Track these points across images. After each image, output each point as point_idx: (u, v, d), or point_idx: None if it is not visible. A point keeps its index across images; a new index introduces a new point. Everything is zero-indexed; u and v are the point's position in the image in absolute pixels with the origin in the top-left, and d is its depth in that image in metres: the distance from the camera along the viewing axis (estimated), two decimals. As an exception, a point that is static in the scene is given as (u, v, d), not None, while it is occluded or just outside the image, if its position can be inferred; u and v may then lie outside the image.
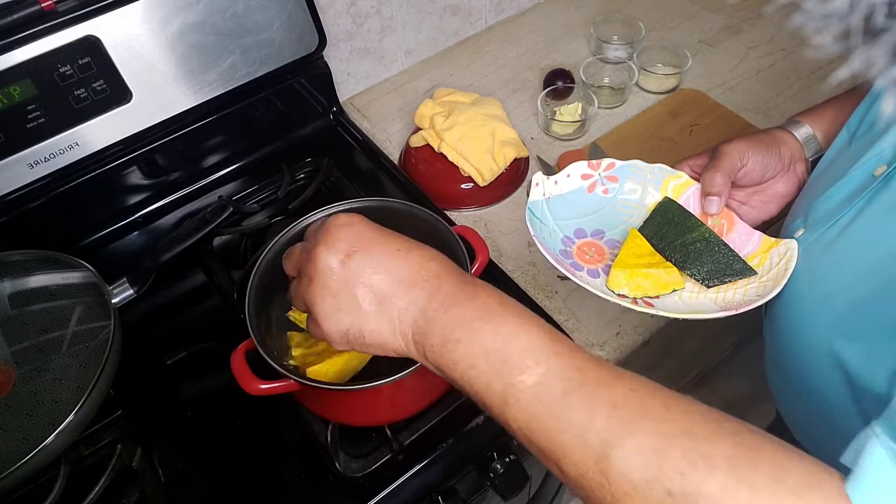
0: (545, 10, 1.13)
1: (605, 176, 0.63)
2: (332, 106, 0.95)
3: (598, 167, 0.62)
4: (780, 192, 0.61)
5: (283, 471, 0.62)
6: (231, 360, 0.56)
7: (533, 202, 0.59)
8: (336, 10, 0.89)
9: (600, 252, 0.60)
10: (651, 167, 0.62)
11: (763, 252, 0.56)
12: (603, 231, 0.62)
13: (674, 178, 0.62)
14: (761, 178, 0.60)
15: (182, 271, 0.78)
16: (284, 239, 0.63)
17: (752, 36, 1.04)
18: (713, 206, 0.58)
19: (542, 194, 0.60)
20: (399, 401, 0.59)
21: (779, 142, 0.59)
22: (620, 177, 0.63)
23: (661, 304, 0.55)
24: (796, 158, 0.60)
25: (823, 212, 0.50)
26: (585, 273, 0.58)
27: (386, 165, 0.89)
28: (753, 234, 0.58)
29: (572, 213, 0.61)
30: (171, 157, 0.84)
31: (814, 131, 0.60)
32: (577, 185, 0.62)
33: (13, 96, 0.66)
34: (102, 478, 0.61)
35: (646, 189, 0.62)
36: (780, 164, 0.59)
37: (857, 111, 0.53)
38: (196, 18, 0.73)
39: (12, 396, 0.58)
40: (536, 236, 0.56)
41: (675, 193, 0.61)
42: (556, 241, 0.59)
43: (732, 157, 0.57)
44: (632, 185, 0.63)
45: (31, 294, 0.65)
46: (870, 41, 0.20)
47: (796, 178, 0.61)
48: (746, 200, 0.62)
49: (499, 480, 0.64)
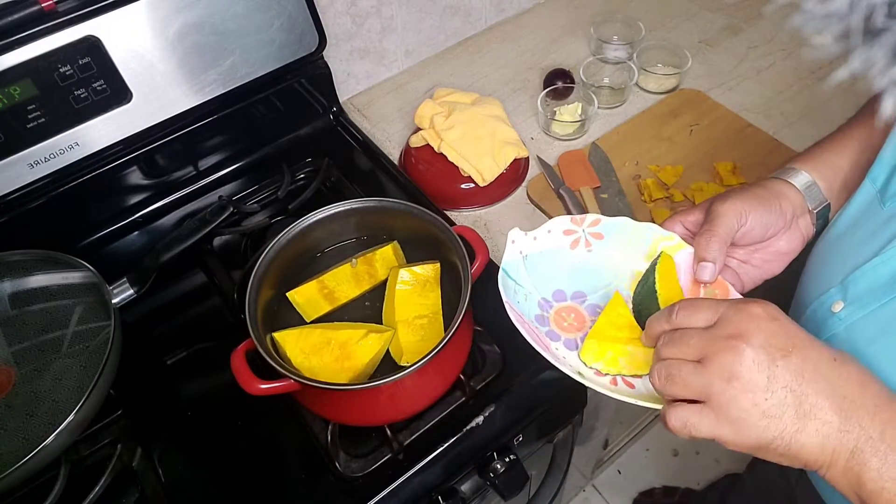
0: (545, 10, 1.13)
1: (589, 232, 0.57)
2: (332, 106, 0.95)
3: (582, 223, 0.57)
4: (784, 249, 0.56)
5: (283, 471, 0.62)
6: (231, 360, 0.56)
7: (508, 262, 0.54)
8: (336, 10, 0.89)
9: (580, 319, 0.55)
10: (640, 226, 0.57)
11: None
12: (584, 294, 0.57)
13: (664, 239, 0.56)
14: (762, 237, 0.54)
15: (182, 271, 0.78)
16: (284, 239, 0.63)
17: (752, 36, 1.04)
18: (706, 273, 0.52)
19: (519, 252, 0.55)
20: (399, 401, 0.59)
21: (779, 196, 0.54)
22: (606, 234, 0.57)
23: (644, 386, 0.50)
24: (798, 213, 0.55)
25: (868, 286, 0.45)
26: (562, 344, 0.53)
27: (386, 165, 0.89)
28: None
29: (551, 272, 0.56)
30: (171, 157, 0.84)
31: (814, 178, 0.55)
32: (558, 241, 0.57)
33: (13, 96, 0.66)
34: (102, 478, 0.61)
35: (633, 250, 0.57)
36: (782, 220, 0.54)
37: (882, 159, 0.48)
38: (196, 18, 0.73)
39: (12, 396, 0.58)
40: (509, 302, 0.51)
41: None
42: (531, 305, 0.54)
43: (729, 219, 0.52)
44: (618, 245, 0.57)
45: (32, 294, 0.65)
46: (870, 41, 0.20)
47: (800, 233, 0.56)
48: (747, 259, 0.57)
49: (499, 480, 0.64)
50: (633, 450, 1.53)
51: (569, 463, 0.80)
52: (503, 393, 0.65)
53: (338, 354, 0.60)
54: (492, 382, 0.65)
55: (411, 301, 0.63)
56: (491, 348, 0.67)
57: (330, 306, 0.65)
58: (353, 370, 0.59)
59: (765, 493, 0.88)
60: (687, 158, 0.86)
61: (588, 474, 1.43)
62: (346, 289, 0.66)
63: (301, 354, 0.59)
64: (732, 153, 0.85)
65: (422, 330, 0.62)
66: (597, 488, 1.50)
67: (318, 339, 0.60)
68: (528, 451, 0.72)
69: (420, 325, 0.62)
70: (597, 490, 1.50)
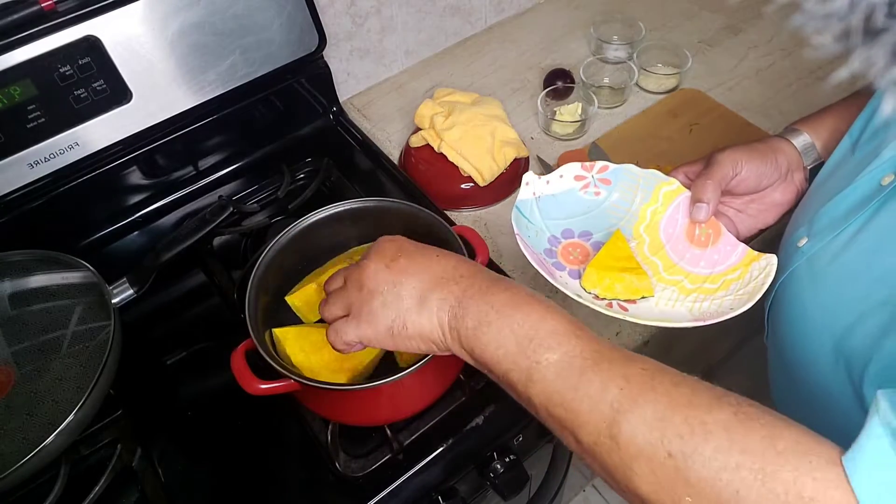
0: (545, 10, 1.13)
1: (597, 178, 0.62)
2: (332, 106, 0.95)
3: (591, 169, 0.62)
4: (778, 200, 0.60)
5: (283, 471, 0.62)
6: (231, 360, 0.56)
7: (522, 201, 0.59)
8: (336, 10, 0.89)
9: (585, 253, 0.60)
10: (644, 172, 0.62)
11: (744, 265, 0.56)
12: (590, 233, 0.61)
13: (665, 184, 0.61)
14: (757, 187, 0.59)
15: (182, 271, 0.78)
16: (284, 239, 0.63)
17: (752, 36, 1.04)
18: (701, 213, 0.57)
19: (532, 193, 0.60)
20: (399, 401, 0.59)
21: (775, 150, 0.58)
22: (613, 179, 0.62)
23: (635, 310, 0.55)
24: (794, 167, 0.59)
25: (828, 221, 0.49)
26: (566, 273, 0.58)
27: (386, 165, 0.89)
28: (738, 247, 0.57)
29: (562, 214, 0.61)
30: (171, 157, 0.84)
31: (812, 139, 0.59)
32: (569, 185, 0.62)
33: (13, 96, 0.66)
34: (102, 478, 0.61)
35: (636, 194, 0.62)
36: (777, 172, 0.58)
37: (860, 118, 0.52)
38: (196, 18, 0.73)
39: (12, 396, 0.58)
40: (520, 234, 0.56)
41: (666, 200, 0.61)
42: (541, 241, 0.59)
43: (725, 166, 0.57)
44: (623, 189, 0.62)
45: (31, 294, 0.65)
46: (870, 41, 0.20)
47: (794, 187, 0.60)
48: (743, 209, 0.61)
49: (499, 480, 0.64)
50: (633, 450, 1.53)
51: (569, 463, 0.80)
52: (503, 393, 0.64)
53: (337, 354, 0.60)
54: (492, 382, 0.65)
55: None
56: (491, 348, 0.67)
57: None
58: (353, 370, 0.59)
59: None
60: (687, 158, 0.85)
61: (588, 474, 1.43)
62: None
63: (301, 353, 0.59)
64: (732, 153, 0.85)
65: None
66: (597, 488, 1.50)
67: (318, 338, 0.60)
68: (528, 451, 0.72)
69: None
70: (597, 490, 1.50)
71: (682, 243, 0.60)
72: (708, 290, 0.56)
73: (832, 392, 0.48)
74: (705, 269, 0.58)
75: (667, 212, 0.61)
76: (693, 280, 0.58)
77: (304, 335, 0.60)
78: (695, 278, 0.58)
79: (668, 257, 0.60)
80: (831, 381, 0.47)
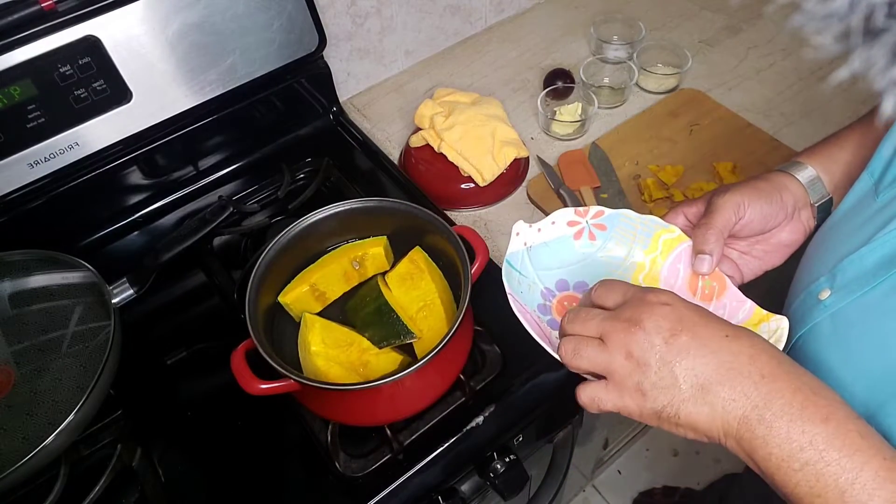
0: (545, 10, 1.13)
1: (592, 224, 0.58)
2: (332, 106, 0.95)
3: (585, 214, 0.58)
4: (785, 241, 0.56)
5: (283, 471, 0.62)
6: (231, 360, 0.56)
7: (512, 253, 0.56)
8: (336, 10, 0.89)
9: None
10: (642, 218, 0.57)
11: (753, 325, 0.52)
12: (586, 283, 0.57)
13: (665, 231, 0.57)
14: (762, 229, 0.55)
15: (182, 271, 0.78)
16: (284, 239, 0.63)
17: (752, 36, 1.04)
18: (704, 265, 0.53)
19: (524, 243, 0.57)
20: (399, 401, 0.59)
21: (780, 188, 0.55)
22: (609, 225, 0.58)
23: None
24: (800, 205, 0.55)
25: (854, 274, 0.45)
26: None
27: (386, 165, 0.89)
28: (745, 303, 0.53)
29: (555, 263, 0.58)
30: (171, 157, 0.84)
31: (818, 173, 0.55)
32: (562, 232, 0.58)
33: (13, 96, 0.66)
34: (102, 478, 0.61)
35: (634, 242, 0.58)
36: (783, 212, 0.55)
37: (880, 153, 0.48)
38: (196, 18, 0.73)
39: (12, 396, 0.58)
40: (513, 294, 0.52)
41: (666, 248, 0.57)
42: (535, 295, 0.56)
43: (727, 211, 0.53)
44: (620, 236, 0.58)
45: (31, 294, 0.65)
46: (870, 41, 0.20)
47: (802, 226, 0.56)
48: (748, 251, 0.57)
49: (499, 480, 0.64)
50: (633, 450, 1.53)
51: (569, 463, 0.80)
52: (503, 393, 0.65)
53: (354, 359, 0.60)
54: (492, 382, 0.65)
55: (408, 298, 0.64)
56: (491, 348, 0.67)
57: (321, 306, 0.65)
58: (365, 377, 0.59)
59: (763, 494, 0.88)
60: (687, 158, 0.86)
61: (588, 474, 1.43)
62: (336, 288, 0.66)
63: (322, 344, 0.60)
64: (732, 153, 0.85)
65: (426, 320, 0.63)
66: (597, 488, 1.50)
67: (341, 337, 0.61)
68: (528, 452, 0.72)
69: (423, 316, 0.63)
70: (597, 490, 1.50)
71: (685, 296, 0.55)
72: None
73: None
74: None
75: (667, 261, 0.57)
76: None
77: (330, 329, 0.61)
78: None
79: None
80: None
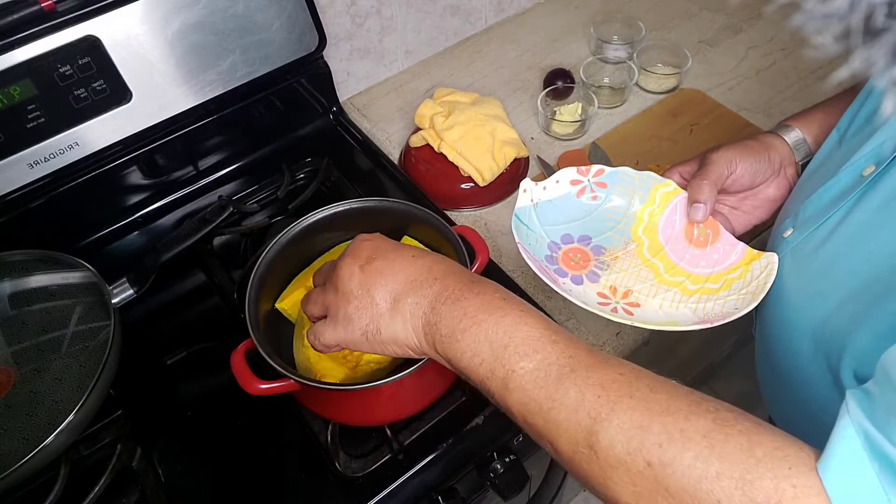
0: (545, 10, 1.13)
1: (594, 182, 0.62)
2: (332, 106, 0.95)
3: (587, 173, 0.62)
4: (772, 196, 0.61)
5: (283, 471, 0.62)
6: (231, 360, 0.56)
7: (520, 208, 0.59)
8: (336, 10, 0.89)
9: (585, 258, 0.60)
10: (640, 174, 0.62)
11: (745, 264, 0.56)
12: (589, 237, 0.62)
13: (662, 185, 0.61)
14: (751, 184, 0.60)
15: (182, 271, 0.78)
16: (284, 239, 0.63)
17: (752, 36, 1.04)
18: (699, 213, 0.58)
19: (531, 200, 0.60)
20: (399, 401, 0.59)
21: (768, 147, 0.59)
22: (609, 183, 0.62)
23: (640, 314, 0.55)
24: (786, 163, 0.60)
25: (812, 212, 0.50)
26: (569, 279, 0.58)
27: (386, 165, 0.89)
28: (737, 246, 0.58)
29: (560, 219, 0.61)
30: (171, 157, 0.84)
31: (804, 135, 0.60)
32: (566, 190, 0.62)
33: (13, 96, 0.66)
34: (102, 478, 0.61)
35: (633, 196, 0.62)
36: (770, 169, 0.59)
37: (847, 112, 0.53)
38: (196, 18, 0.73)
39: (12, 396, 0.58)
40: (521, 242, 0.56)
41: (663, 201, 0.61)
42: (542, 247, 0.59)
43: (720, 166, 0.57)
44: (620, 192, 0.62)
45: (31, 294, 0.65)
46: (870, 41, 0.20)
47: (787, 182, 0.61)
48: (738, 205, 0.62)
49: (499, 480, 0.64)
50: (633, 450, 1.53)
51: (569, 463, 0.80)
52: (503, 393, 0.64)
53: (346, 353, 0.60)
54: (492, 382, 0.65)
55: None
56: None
57: None
58: (361, 373, 0.59)
59: None
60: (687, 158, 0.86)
61: (588, 474, 1.43)
62: None
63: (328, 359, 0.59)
64: (732, 153, 0.85)
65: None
66: (597, 488, 1.50)
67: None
68: (528, 451, 0.72)
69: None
70: (597, 490, 1.49)
71: (682, 244, 0.60)
72: (710, 290, 0.56)
73: (813, 383, 0.48)
74: (706, 269, 0.58)
75: (664, 213, 0.61)
76: (694, 280, 0.58)
77: None
78: (696, 279, 0.58)
79: (669, 258, 0.60)
80: (812, 372, 0.47)
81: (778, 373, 0.53)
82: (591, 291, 0.57)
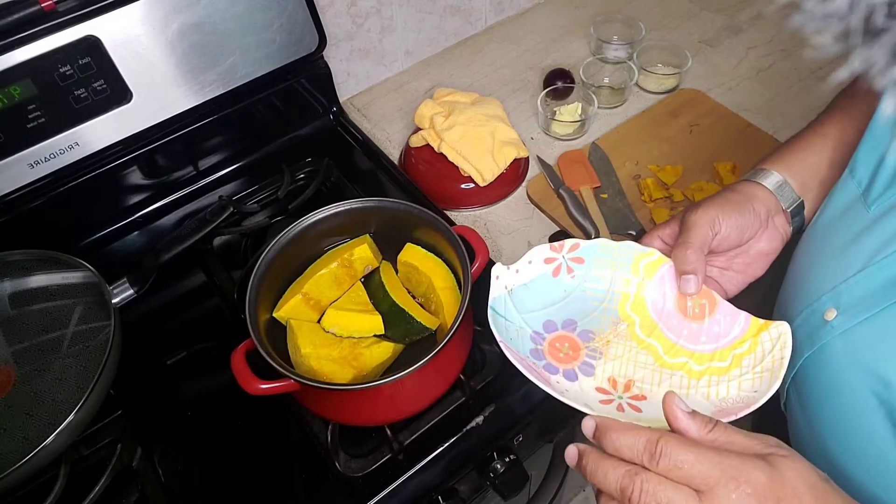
0: (545, 10, 1.13)
1: (569, 258, 0.57)
2: (332, 106, 0.95)
3: (561, 249, 0.57)
4: (764, 250, 0.56)
5: (283, 471, 0.62)
6: (231, 360, 0.56)
7: (495, 298, 0.53)
8: (336, 10, 0.89)
9: (574, 346, 0.54)
10: (618, 245, 0.56)
11: (752, 336, 0.50)
12: (574, 321, 0.55)
13: (644, 255, 0.55)
14: (739, 241, 0.54)
15: (182, 271, 0.78)
16: (285, 239, 0.63)
17: (752, 36, 1.04)
18: (690, 286, 0.51)
19: (504, 287, 0.54)
20: (399, 401, 0.59)
21: (750, 198, 0.54)
22: (586, 258, 0.56)
23: (648, 408, 0.48)
24: (773, 212, 0.55)
25: (862, 294, 0.44)
26: (562, 375, 0.51)
27: (386, 165, 0.89)
28: (738, 315, 0.52)
29: (539, 304, 0.55)
30: (171, 157, 0.84)
31: (784, 177, 0.55)
32: (540, 270, 0.56)
33: (13, 96, 0.66)
34: (102, 478, 0.61)
35: (615, 270, 0.56)
36: (758, 221, 0.54)
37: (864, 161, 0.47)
38: (196, 18, 0.73)
39: (12, 396, 0.58)
40: (502, 340, 0.50)
41: (648, 272, 0.55)
42: (524, 340, 0.53)
43: (702, 228, 0.52)
44: (599, 266, 0.57)
45: (31, 294, 0.65)
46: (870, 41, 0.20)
47: (778, 233, 0.56)
48: (728, 265, 0.56)
49: (499, 480, 0.64)
50: (633, 450, 1.53)
51: (569, 463, 0.80)
52: (503, 393, 0.65)
53: (346, 353, 0.60)
54: (492, 382, 0.65)
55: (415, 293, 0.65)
56: (491, 348, 0.67)
57: (318, 314, 0.65)
58: (361, 370, 0.59)
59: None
60: (687, 158, 0.86)
61: (588, 474, 1.43)
62: (329, 293, 0.65)
63: (312, 345, 0.59)
64: (732, 153, 0.85)
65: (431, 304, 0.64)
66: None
67: (330, 338, 0.61)
68: (528, 451, 0.72)
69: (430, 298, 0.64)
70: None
71: (676, 319, 0.54)
72: (719, 369, 0.50)
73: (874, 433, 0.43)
74: (709, 346, 0.52)
75: (651, 286, 0.55)
76: (699, 360, 0.51)
77: (317, 329, 0.61)
78: (700, 357, 0.52)
79: (666, 337, 0.54)
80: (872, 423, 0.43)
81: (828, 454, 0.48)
82: (588, 388, 0.51)
